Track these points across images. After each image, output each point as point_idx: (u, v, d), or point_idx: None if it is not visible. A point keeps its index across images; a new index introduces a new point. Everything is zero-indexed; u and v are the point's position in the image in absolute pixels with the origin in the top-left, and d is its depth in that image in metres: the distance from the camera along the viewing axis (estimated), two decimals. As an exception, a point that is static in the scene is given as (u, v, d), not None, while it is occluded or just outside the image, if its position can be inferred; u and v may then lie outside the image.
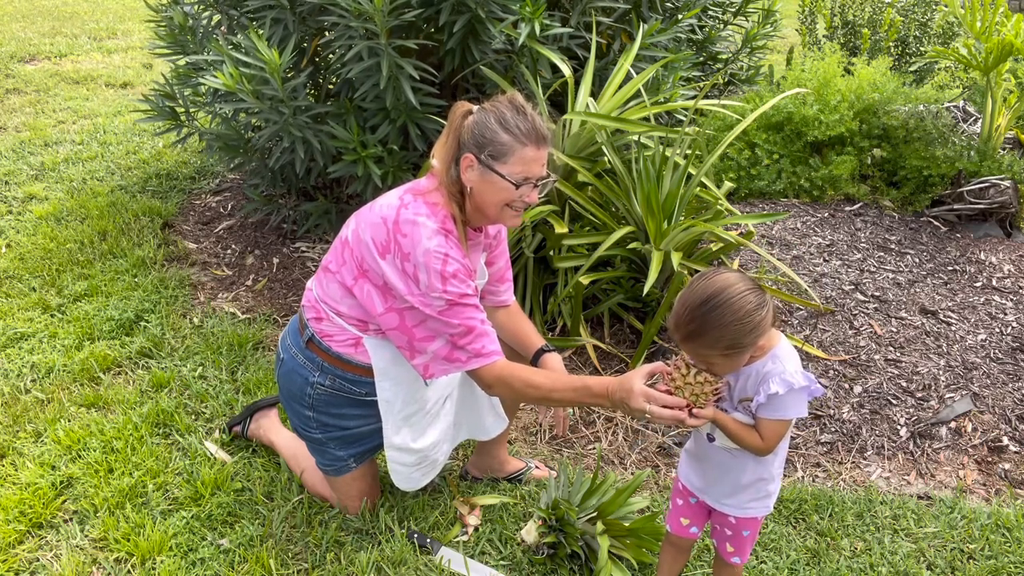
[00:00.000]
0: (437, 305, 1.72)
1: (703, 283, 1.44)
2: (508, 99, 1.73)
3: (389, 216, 1.74)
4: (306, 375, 1.91)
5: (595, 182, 2.83)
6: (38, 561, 2.01)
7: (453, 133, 1.74)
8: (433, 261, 1.69)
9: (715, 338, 1.42)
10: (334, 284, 1.85)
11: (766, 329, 1.46)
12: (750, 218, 2.95)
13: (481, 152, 1.71)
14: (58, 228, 3.63)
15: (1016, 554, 2.10)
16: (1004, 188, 3.49)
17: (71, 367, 2.71)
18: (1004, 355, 2.82)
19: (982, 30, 3.40)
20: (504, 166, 1.71)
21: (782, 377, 1.47)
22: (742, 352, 1.46)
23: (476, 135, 1.71)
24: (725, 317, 1.40)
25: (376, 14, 2.61)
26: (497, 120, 1.70)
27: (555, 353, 1.98)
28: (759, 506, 1.67)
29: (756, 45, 3.86)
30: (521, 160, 1.71)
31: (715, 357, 1.46)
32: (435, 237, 1.70)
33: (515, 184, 1.72)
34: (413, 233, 1.71)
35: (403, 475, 1.98)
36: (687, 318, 1.43)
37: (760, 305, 1.43)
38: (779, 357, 1.51)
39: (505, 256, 2.05)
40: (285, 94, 2.85)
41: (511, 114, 1.70)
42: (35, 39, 6.88)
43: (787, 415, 1.50)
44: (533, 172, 1.73)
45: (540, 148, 1.72)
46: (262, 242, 3.59)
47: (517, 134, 1.69)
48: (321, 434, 1.97)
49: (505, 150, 1.70)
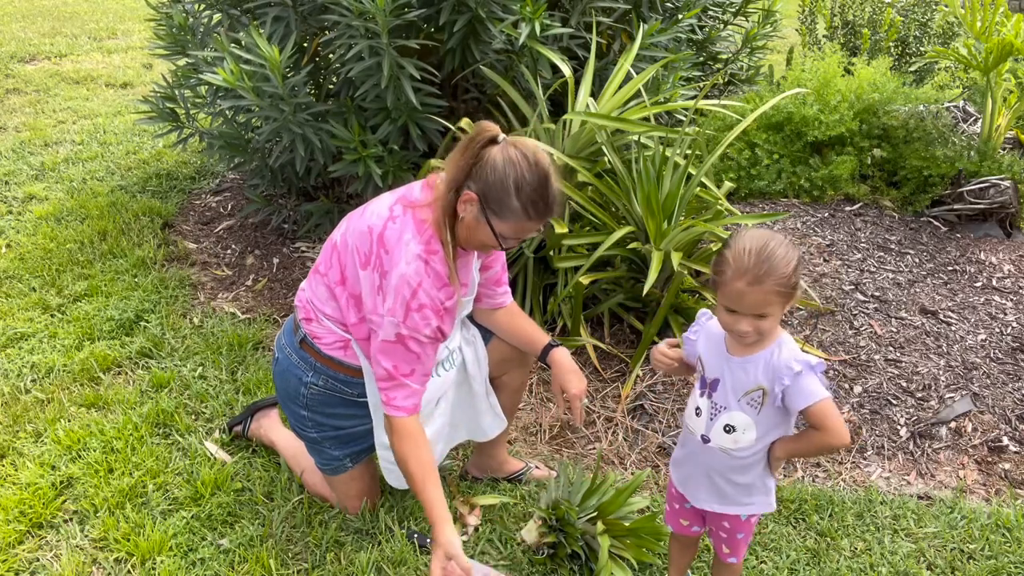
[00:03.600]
0: (389, 331, 1.69)
1: (748, 234, 1.48)
2: (536, 160, 1.63)
3: (376, 227, 1.72)
4: (300, 375, 1.91)
5: (595, 182, 2.83)
6: (38, 561, 2.01)
7: (470, 157, 1.65)
8: (404, 288, 1.66)
9: (782, 275, 1.44)
10: (322, 286, 1.85)
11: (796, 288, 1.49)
12: (750, 218, 2.95)
13: (485, 200, 1.65)
14: (58, 228, 3.62)
15: (1016, 554, 2.10)
16: (1004, 188, 3.49)
17: (71, 367, 2.71)
18: (1004, 355, 2.82)
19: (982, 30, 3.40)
20: (500, 224, 1.67)
21: (796, 359, 1.48)
22: (791, 294, 1.47)
23: (489, 182, 1.64)
24: (788, 255, 1.45)
25: (378, 13, 2.61)
26: (515, 183, 1.62)
27: (562, 348, 1.99)
28: (754, 505, 1.66)
29: (756, 45, 3.86)
30: (520, 228, 1.69)
31: (775, 302, 1.45)
32: (414, 262, 1.66)
33: (502, 244, 1.71)
34: (395, 252, 1.68)
35: (395, 474, 1.96)
36: (754, 261, 1.44)
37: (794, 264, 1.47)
38: (785, 343, 1.53)
39: (501, 260, 2.03)
40: (285, 91, 2.85)
41: (532, 182, 1.63)
42: (35, 39, 6.88)
43: (821, 394, 1.48)
44: (524, 236, 1.73)
45: (542, 222, 1.70)
46: (262, 242, 3.59)
47: (528, 209, 1.64)
48: (317, 433, 1.97)
49: (509, 215, 1.66)
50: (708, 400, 1.59)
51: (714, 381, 1.58)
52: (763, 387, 1.53)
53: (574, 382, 1.95)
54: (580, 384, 1.96)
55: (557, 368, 1.97)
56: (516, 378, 2.16)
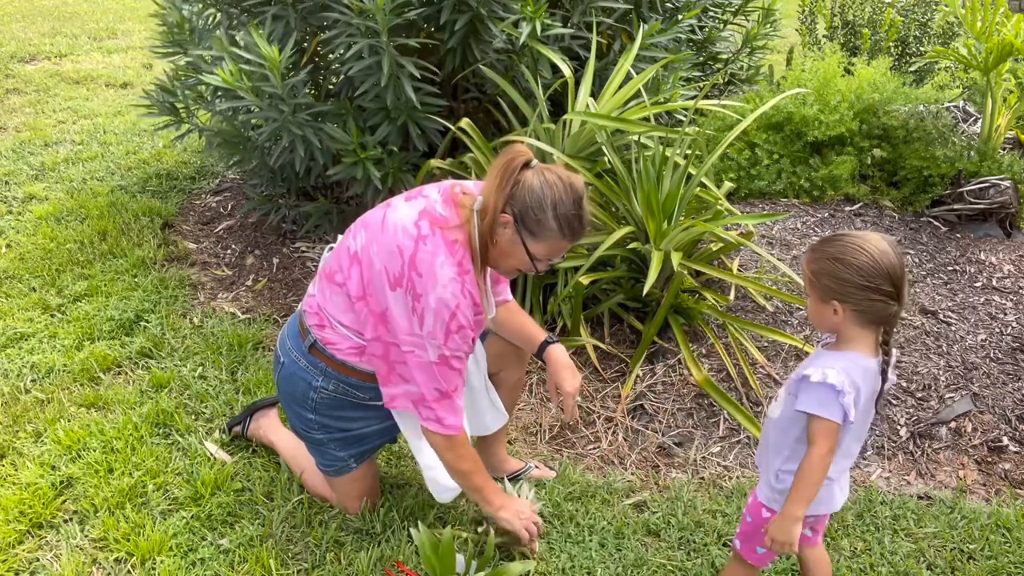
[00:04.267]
0: (431, 354, 1.72)
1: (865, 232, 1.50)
2: (571, 183, 1.70)
3: (406, 248, 1.71)
4: (309, 379, 1.90)
5: (595, 182, 2.83)
6: (38, 561, 2.01)
7: (508, 183, 1.70)
8: (444, 311, 1.69)
9: (814, 257, 1.49)
10: (340, 296, 1.83)
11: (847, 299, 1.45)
12: (750, 218, 2.95)
13: (522, 221, 1.70)
14: (58, 228, 3.62)
15: (1016, 554, 2.10)
16: (1004, 188, 3.49)
17: (71, 367, 2.71)
18: (1004, 355, 2.82)
19: (982, 30, 3.40)
20: (535, 245, 1.73)
21: (823, 369, 1.47)
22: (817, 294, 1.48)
23: (527, 205, 1.69)
24: (832, 249, 1.46)
25: (378, 12, 2.61)
26: (552, 204, 1.68)
27: (559, 344, 2.00)
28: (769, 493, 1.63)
29: (756, 45, 3.86)
30: (554, 248, 1.74)
31: (807, 281, 1.52)
32: (451, 285, 1.68)
33: (535, 265, 1.76)
34: (429, 276, 1.69)
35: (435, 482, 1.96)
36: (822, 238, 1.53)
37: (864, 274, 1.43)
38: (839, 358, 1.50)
39: None
40: (285, 91, 2.85)
41: (568, 204, 1.69)
42: (35, 39, 6.88)
43: (818, 411, 1.47)
44: (556, 257, 1.78)
45: (574, 241, 1.75)
46: (262, 242, 3.59)
47: (564, 229, 1.70)
48: (322, 435, 1.97)
49: (545, 235, 1.71)
50: None
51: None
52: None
53: (568, 379, 1.97)
54: (574, 381, 1.97)
55: (552, 365, 1.99)
56: (513, 374, 2.17)
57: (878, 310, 1.45)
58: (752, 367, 2.72)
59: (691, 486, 2.32)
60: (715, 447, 2.49)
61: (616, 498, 2.26)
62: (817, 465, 1.50)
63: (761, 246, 3.27)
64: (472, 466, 1.87)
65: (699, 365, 2.67)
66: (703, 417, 2.59)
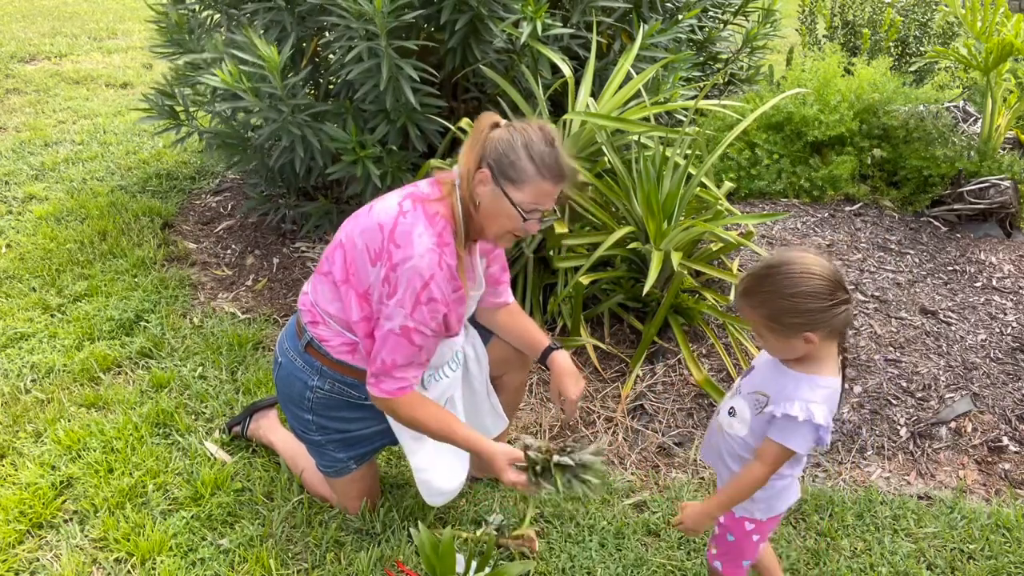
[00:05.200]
0: (395, 322, 1.69)
1: (786, 253, 1.44)
2: (540, 127, 1.69)
3: (386, 224, 1.71)
4: (305, 379, 1.90)
5: (595, 182, 2.83)
6: (38, 561, 2.01)
7: (478, 143, 1.70)
8: (416, 280, 1.66)
9: (759, 302, 1.42)
10: (326, 285, 1.84)
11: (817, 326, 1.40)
12: (750, 218, 2.95)
13: (499, 171, 1.68)
14: (58, 228, 3.62)
15: (1016, 554, 2.10)
16: (1004, 188, 3.49)
17: (71, 367, 2.71)
18: (1004, 355, 2.82)
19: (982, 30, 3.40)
20: (518, 192, 1.68)
21: (808, 405, 1.44)
22: (783, 333, 1.42)
23: (499, 153, 1.67)
24: (777, 286, 1.39)
25: (376, 15, 2.61)
26: (524, 144, 1.66)
27: (562, 351, 1.99)
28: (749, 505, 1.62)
29: (756, 45, 3.86)
30: (537, 192, 1.68)
31: (759, 326, 1.45)
32: (427, 255, 1.67)
33: (524, 215, 1.70)
34: (406, 245, 1.68)
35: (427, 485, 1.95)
36: (751, 273, 1.45)
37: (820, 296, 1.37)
38: (818, 388, 1.47)
39: (501, 260, 2.03)
40: (284, 92, 2.85)
41: (539, 143, 1.67)
42: (35, 39, 6.88)
43: (791, 445, 1.47)
44: (544, 205, 1.71)
45: (558, 184, 1.70)
46: (262, 242, 3.59)
47: (540, 165, 1.66)
48: (320, 436, 1.97)
49: (524, 178, 1.67)
50: (739, 379, 1.64)
51: (752, 368, 1.62)
52: (768, 395, 1.52)
53: (571, 386, 1.96)
54: (577, 389, 1.96)
55: (556, 371, 1.97)
56: (516, 378, 2.16)
57: (843, 319, 1.42)
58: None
59: (691, 486, 2.32)
60: (715, 447, 2.49)
61: (616, 498, 2.26)
62: (760, 483, 1.52)
63: (761, 246, 3.27)
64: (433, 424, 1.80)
65: (699, 365, 2.67)
66: (703, 417, 2.59)
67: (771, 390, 1.52)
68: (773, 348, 1.49)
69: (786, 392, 1.48)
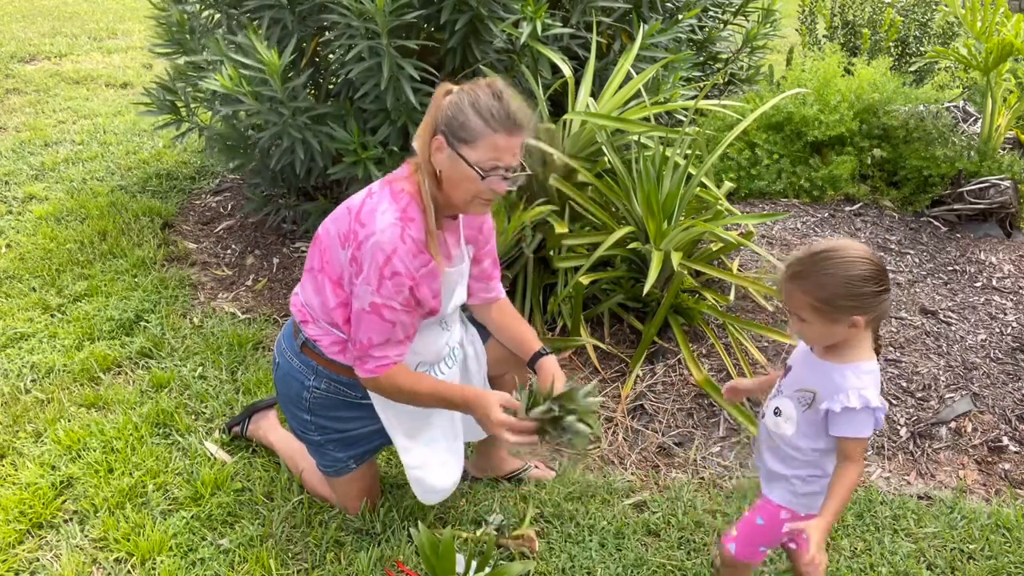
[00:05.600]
0: (363, 300, 1.70)
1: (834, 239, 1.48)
2: (487, 83, 1.67)
3: (354, 206, 1.74)
4: (302, 379, 1.90)
5: (595, 182, 2.83)
6: (38, 561, 2.01)
7: (431, 113, 1.70)
8: (378, 255, 1.66)
9: (815, 284, 1.44)
10: (308, 279, 1.86)
11: (867, 310, 1.45)
12: (750, 218, 2.95)
13: (451, 135, 1.66)
14: (58, 228, 3.62)
15: (1016, 554, 2.10)
16: (1004, 188, 3.49)
17: (71, 367, 2.71)
18: (1004, 355, 2.82)
19: (982, 30, 3.40)
20: (472, 152, 1.65)
21: (861, 393, 1.48)
22: (832, 316, 1.45)
23: (449, 117, 1.66)
24: (834, 268, 1.43)
25: (377, 14, 2.61)
26: (471, 103, 1.64)
27: (551, 356, 1.97)
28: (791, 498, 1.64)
29: (756, 45, 3.86)
30: (491, 147, 1.64)
31: (807, 309, 1.47)
32: (389, 229, 1.66)
33: (481, 174, 1.66)
34: (370, 223, 1.68)
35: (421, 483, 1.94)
36: (801, 258, 1.48)
37: (872, 280, 1.43)
38: (864, 373, 1.51)
39: (492, 254, 2.02)
40: (284, 95, 2.85)
41: (486, 97, 1.64)
42: (35, 39, 6.88)
43: (863, 433, 1.49)
44: (503, 160, 1.67)
45: (512, 135, 1.66)
46: (262, 242, 3.59)
47: (488, 119, 1.63)
48: (320, 436, 1.97)
49: (474, 135, 1.64)
50: (780, 380, 1.65)
51: (789, 368, 1.64)
52: (814, 391, 1.54)
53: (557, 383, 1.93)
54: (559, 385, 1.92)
55: (542, 371, 1.94)
56: (517, 378, 2.16)
57: (887, 307, 1.47)
58: (752, 367, 2.72)
59: (691, 486, 2.32)
60: (715, 447, 2.49)
61: (616, 498, 2.26)
62: (856, 481, 1.52)
63: (761, 246, 3.27)
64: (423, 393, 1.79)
65: (699, 365, 2.67)
66: (703, 417, 2.59)
67: (817, 385, 1.54)
68: (815, 333, 1.50)
69: (835, 385, 1.51)
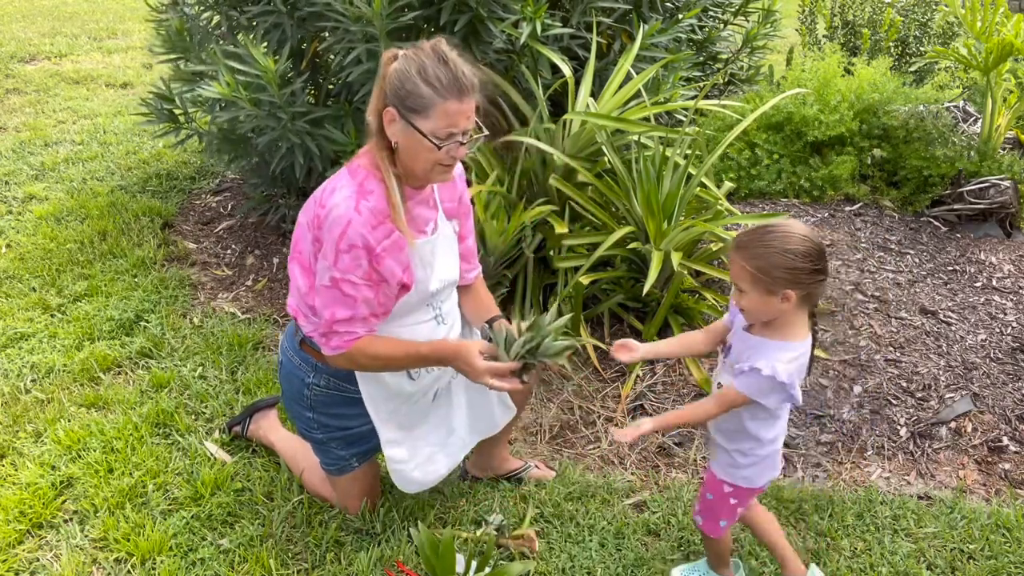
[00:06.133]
0: (323, 276, 1.70)
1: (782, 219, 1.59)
2: (431, 46, 1.63)
3: (318, 192, 1.74)
4: (302, 376, 1.91)
5: (595, 182, 2.83)
6: (38, 561, 2.01)
7: (380, 83, 1.66)
8: (335, 229, 1.66)
9: (755, 255, 1.53)
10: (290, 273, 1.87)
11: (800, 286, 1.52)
12: (750, 218, 2.95)
13: (401, 106, 1.63)
14: (58, 228, 3.63)
15: (1016, 554, 2.10)
16: (1004, 188, 3.49)
17: (71, 367, 2.71)
18: (1004, 355, 2.82)
19: (982, 30, 3.40)
20: (426, 122, 1.63)
21: (773, 363, 1.56)
22: (768, 287, 1.53)
23: (397, 87, 1.63)
24: (774, 242, 1.52)
25: (375, 17, 2.61)
26: (418, 70, 1.61)
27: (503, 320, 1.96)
28: (732, 471, 1.74)
29: (756, 45, 3.86)
30: (443, 115, 1.62)
31: (747, 278, 1.55)
32: (343, 203, 1.66)
33: (437, 143, 1.64)
34: (329, 201, 1.69)
35: (402, 474, 1.96)
36: (746, 232, 1.58)
37: (808, 258, 1.51)
38: (787, 351, 1.58)
39: (472, 232, 2.01)
40: (283, 100, 2.85)
41: (432, 63, 1.60)
42: (35, 39, 6.88)
43: (752, 394, 1.59)
44: (457, 126, 1.64)
45: (464, 100, 1.63)
46: (262, 242, 3.59)
47: (437, 86, 1.60)
48: (323, 435, 1.97)
49: (424, 103, 1.61)
50: (722, 357, 1.75)
51: (729, 347, 1.72)
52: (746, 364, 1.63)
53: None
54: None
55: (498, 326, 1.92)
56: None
57: (821, 289, 1.57)
58: (752, 367, 2.72)
59: (691, 486, 2.32)
60: (715, 447, 2.50)
61: (616, 498, 2.26)
62: (704, 418, 1.66)
63: (761, 246, 3.27)
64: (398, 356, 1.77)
65: (699, 365, 2.67)
66: (703, 417, 2.59)
67: (745, 356, 1.63)
68: (752, 304, 1.58)
69: (758, 353, 1.61)
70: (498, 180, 2.87)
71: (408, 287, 1.79)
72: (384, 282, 1.73)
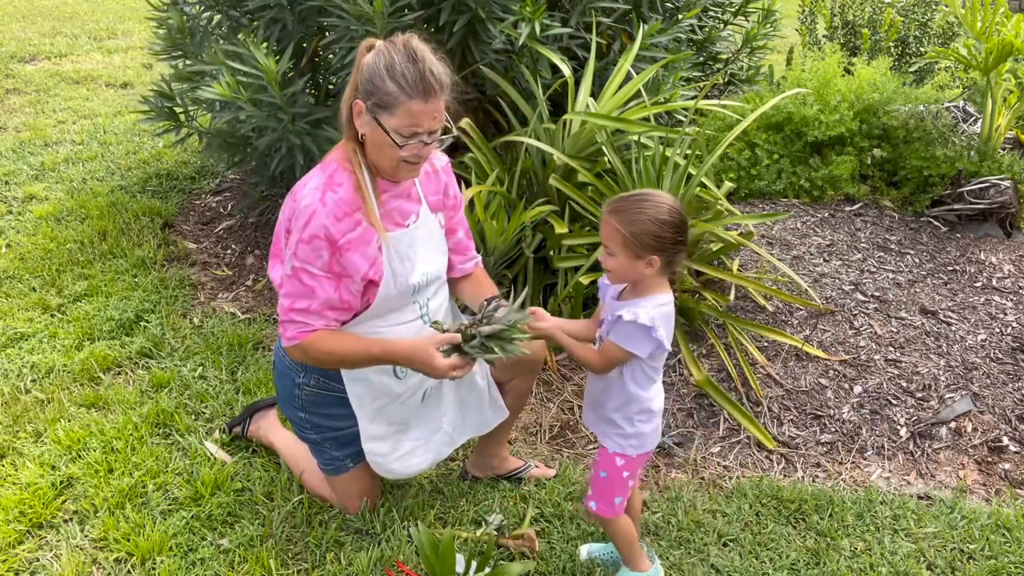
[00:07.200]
0: (287, 264, 1.73)
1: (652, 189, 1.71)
2: (403, 41, 1.62)
3: (295, 187, 1.76)
4: (293, 376, 1.91)
5: (595, 182, 2.83)
6: (38, 561, 2.01)
7: (354, 74, 1.66)
8: (300, 219, 1.67)
9: (628, 219, 1.61)
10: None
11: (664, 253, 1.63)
12: (750, 218, 2.95)
13: (369, 100, 1.63)
14: (58, 228, 3.63)
15: (1016, 554, 2.10)
16: (1004, 188, 3.49)
17: (71, 367, 2.71)
18: (1004, 355, 2.82)
19: (982, 30, 3.40)
20: (390, 119, 1.62)
21: (633, 310, 1.65)
22: (636, 251, 1.62)
23: (366, 80, 1.62)
24: (649, 210, 1.62)
25: (376, 16, 2.61)
26: (386, 66, 1.60)
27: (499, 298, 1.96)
28: (622, 442, 1.77)
29: (756, 45, 3.86)
30: (407, 114, 1.61)
31: (618, 241, 1.63)
32: (309, 195, 1.68)
33: (399, 142, 1.63)
34: (300, 194, 1.71)
35: (381, 466, 1.97)
36: (621, 197, 1.67)
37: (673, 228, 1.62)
38: (652, 304, 1.67)
39: (464, 224, 2.00)
40: (283, 100, 2.85)
41: (401, 60, 1.59)
42: (35, 39, 6.88)
43: (624, 344, 1.67)
44: (421, 126, 1.63)
45: (430, 101, 1.61)
46: (262, 242, 3.59)
47: (403, 85, 1.59)
48: (316, 435, 1.97)
49: (391, 101, 1.60)
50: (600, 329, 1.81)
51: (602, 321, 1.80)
52: None
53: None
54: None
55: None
56: (524, 382, 2.14)
57: (680, 258, 1.68)
58: (752, 367, 2.72)
59: (691, 486, 2.32)
60: (715, 447, 2.49)
61: (616, 498, 2.25)
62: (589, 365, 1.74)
63: (761, 246, 3.27)
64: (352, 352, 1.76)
65: (699, 365, 2.67)
66: (703, 417, 2.59)
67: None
68: (619, 266, 1.66)
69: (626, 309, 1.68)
70: (498, 180, 2.88)
71: (376, 283, 1.77)
72: (347, 276, 1.72)
